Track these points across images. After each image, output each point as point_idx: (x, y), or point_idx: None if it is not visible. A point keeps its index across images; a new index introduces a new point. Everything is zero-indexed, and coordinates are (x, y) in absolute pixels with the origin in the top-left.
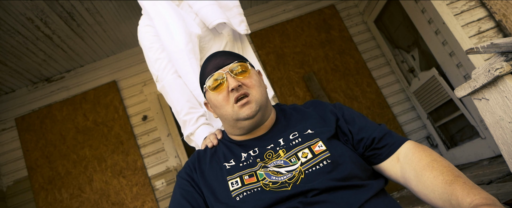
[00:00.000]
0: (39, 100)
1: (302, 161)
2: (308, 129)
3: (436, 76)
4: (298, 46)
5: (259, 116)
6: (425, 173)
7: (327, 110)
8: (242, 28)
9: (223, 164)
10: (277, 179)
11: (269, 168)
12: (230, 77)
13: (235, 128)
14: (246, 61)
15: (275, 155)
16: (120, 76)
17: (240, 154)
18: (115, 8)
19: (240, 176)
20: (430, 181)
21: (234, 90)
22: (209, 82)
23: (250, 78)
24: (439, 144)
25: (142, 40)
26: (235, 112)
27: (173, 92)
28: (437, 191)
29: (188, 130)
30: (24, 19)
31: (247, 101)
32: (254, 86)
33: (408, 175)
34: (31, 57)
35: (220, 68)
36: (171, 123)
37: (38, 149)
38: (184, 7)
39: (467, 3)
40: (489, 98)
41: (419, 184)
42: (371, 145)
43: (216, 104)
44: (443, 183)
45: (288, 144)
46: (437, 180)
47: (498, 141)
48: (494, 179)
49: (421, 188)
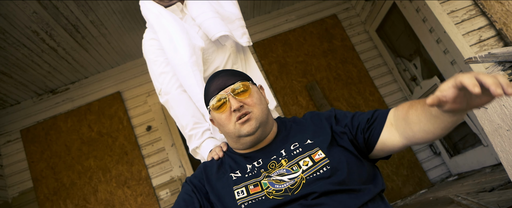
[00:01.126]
0: (44, 112)
1: (303, 168)
2: (307, 139)
3: (438, 85)
4: (301, 56)
5: (259, 132)
6: (409, 114)
7: (322, 118)
8: (244, 41)
9: (229, 175)
10: (280, 187)
11: (272, 177)
12: (232, 99)
13: (238, 143)
14: (248, 80)
15: (278, 164)
16: (124, 87)
17: (245, 166)
18: (119, 20)
19: (245, 186)
20: (415, 115)
21: (236, 110)
22: (213, 103)
23: (251, 97)
24: (442, 151)
25: (147, 54)
26: (237, 130)
27: (178, 107)
28: (422, 118)
29: (194, 144)
30: (29, 32)
31: (248, 119)
32: (255, 105)
33: (402, 128)
34: (36, 69)
35: (222, 89)
36: (175, 133)
37: (43, 160)
38: (187, 20)
39: (468, 12)
40: (488, 107)
41: (411, 125)
42: (366, 125)
43: (219, 122)
44: (422, 106)
45: (290, 154)
46: (417, 110)
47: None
48: (496, 186)
49: (415, 127)
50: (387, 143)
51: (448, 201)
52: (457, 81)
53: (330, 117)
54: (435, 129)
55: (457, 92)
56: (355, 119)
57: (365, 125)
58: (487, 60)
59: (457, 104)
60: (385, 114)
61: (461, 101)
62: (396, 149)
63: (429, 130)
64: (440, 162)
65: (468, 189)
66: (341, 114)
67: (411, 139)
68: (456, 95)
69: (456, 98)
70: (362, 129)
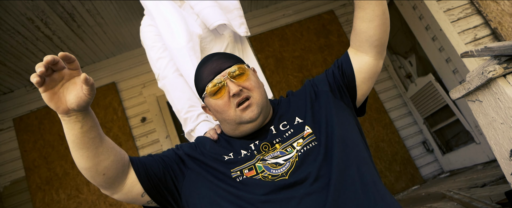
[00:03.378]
0: (38, 101)
1: (297, 149)
2: (296, 116)
3: (432, 82)
4: (297, 51)
5: (261, 118)
6: (354, 29)
7: (304, 93)
8: (242, 30)
9: (222, 156)
10: (277, 172)
11: (267, 161)
12: (230, 82)
13: (237, 131)
14: (243, 63)
15: (272, 148)
16: (119, 78)
17: (239, 148)
18: (116, 10)
19: (240, 170)
20: (356, 25)
21: (235, 95)
22: (209, 89)
23: (250, 80)
24: (435, 149)
25: (145, 40)
26: (238, 116)
27: (174, 91)
28: (361, 22)
29: (189, 127)
30: (25, 19)
31: (249, 104)
32: (254, 89)
33: (359, 43)
34: (30, 58)
35: (218, 73)
36: (170, 124)
37: (36, 149)
38: (185, 8)
39: (464, 11)
40: (483, 100)
41: (361, 34)
42: (336, 65)
43: (217, 109)
44: (355, 12)
45: (282, 136)
46: (354, 19)
47: (491, 142)
48: (488, 182)
49: (363, 34)
50: (362, 65)
51: (440, 196)
52: None
53: (310, 86)
54: (373, 20)
55: None
56: (327, 71)
57: (336, 66)
58: (483, 54)
59: None
60: (345, 52)
61: None
62: (372, 65)
63: (371, 24)
64: (433, 159)
65: (460, 185)
66: (316, 78)
67: (372, 44)
68: None
69: None
70: (338, 69)
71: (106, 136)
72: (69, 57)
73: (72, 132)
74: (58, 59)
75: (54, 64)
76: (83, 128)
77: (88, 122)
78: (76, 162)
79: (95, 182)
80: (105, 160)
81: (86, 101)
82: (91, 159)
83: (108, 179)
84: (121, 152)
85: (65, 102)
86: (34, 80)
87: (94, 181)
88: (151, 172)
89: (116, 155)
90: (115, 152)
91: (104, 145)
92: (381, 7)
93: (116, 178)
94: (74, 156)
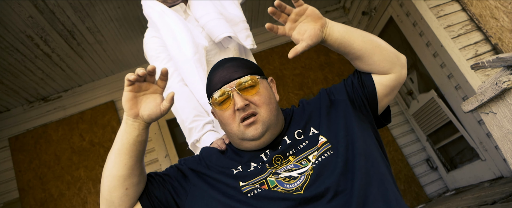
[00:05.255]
0: (35, 120)
1: (312, 161)
2: (311, 127)
3: (435, 98)
4: (298, 68)
5: (266, 136)
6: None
7: (319, 102)
8: (249, 43)
9: (230, 170)
10: (290, 187)
11: (280, 174)
12: (236, 95)
13: (240, 146)
14: (257, 73)
15: (285, 160)
16: (118, 96)
17: (249, 160)
18: (117, 28)
19: (251, 184)
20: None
21: (240, 110)
22: (215, 98)
23: (259, 95)
24: (439, 166)
25: (148, 51)
26: (240, 132)
27: (178, 101)
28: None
29: (193, 137)
30: (24, 37)
31: (253, 121)
32: (263, 105)
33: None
34: (28, 76)
35: (226, 83)
36: (169, 143)
37: (31, 169)
38: (191, 20)
39: (464, 27)
40: (497, 112)
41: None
42: (354, 77)
43: (221, 120)
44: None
45: (296, 147)
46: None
47: (507, 155)
48: (498, 199)
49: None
50: (383, 78)
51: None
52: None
53: (326, 94)
54: (363, 56)
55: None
56: (345, 81)
57: (355, 77)
58: (495, 65)
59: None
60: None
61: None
62: (394, 79)
63: (366, 62)
64: (437, 176)
65: (468, 203)
66: (332, 87)
67: (382, 70)
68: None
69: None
70: (357, 80)
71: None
72: (166, 76)
73: (128, 135)
74: (153, 73)
75: (150, 74)
76: (138, 137)
77: (144, 135)
78: (108, 169)
79: (111, 195)
80: (136, 176)
81: (157, 116)
82: (127, 168)
83: (124, 197)
84: (146, 179)
85: (139, 108)
86: (131, 77)
87: (110, 194)
88: (153, 197)
89: (144, 179)
90: (144, 176)
91: (141, 164)
92: (360, 40)
93: (131, 199)
94: (113, 160)
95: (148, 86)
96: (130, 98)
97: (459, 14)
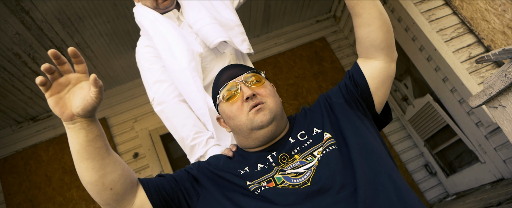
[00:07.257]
0: (24, 141)
1: (318, 157)
2: (314, 127)
3: (431, 102)
4: (291, 78)
5: (273, 125)
6: (357, 39)
7: (319, 106)
8: (245, 47)
9: (237, 171)
10: (298, 181)
11: (287, 171)
12: (244, 87)
13: (249, 139)
14: (261, 73)
15: (291, 159)
16: (110, 113)
17: (256, 162)
18: (107, 43)
19: (258, 183)
20: (357, 32)
21: (249, 99)
22: (223, 93)
23: (265, 88)
24: (438, 171)
25: (141, 61)
26: (249, 120)
27: (176, 118)
28: (361, 28)
29: (198, 153)
30: (11, 55)
31: (261, 108)
32: (269, 96)
33: (365, 51)
34: (16, 95)
35: (233, 78)
36: (164, 159)
37: (21, 192)
38: (184, 27)
39: (456, 30)
40: (506, 105)
41: (364, 40)
42: (348, 76)
43: (230, 114)
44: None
45: (301, 146)
46: (355, 27)
47: None
48: (503, 200)
49: (366, 39)
50: (373, 71)
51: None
52: None
53: (324, 99)
54: (371, 23)
55: None
56: (340, 84)
57: (347, 78)
58: (501, 58)
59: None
60: (355, 62)
61: None
62: (384, 69)
63: (371, 28)
64: (437, 182)
65: (472, 206)
66: (329, 91)
67: (378, 47)
68: None
69: None
70: (350, 80)
71: (113, 151)
72: (78, 55)
73: (76, 140)
74: (60, 54)
75: (57, 58)
76: (88, 136)
77: (93, 130)
78: (81, 178)
79: (102, 200)
80: (112, 172)
81: (92, 105)
82: (96, 170)
83: (115, 195)
84: (129, 168)
85: (70, 107)
86: (38, 80)
87: (100, 199)
88: (163, 192)
89: (123, 170)
90: (122, 166)
91: (110, 157)
92: (376, 8)
93: (124, 195)
94: (79, 169)
95: (68, 80)
96: (55, 103)
97: (451, 18)
